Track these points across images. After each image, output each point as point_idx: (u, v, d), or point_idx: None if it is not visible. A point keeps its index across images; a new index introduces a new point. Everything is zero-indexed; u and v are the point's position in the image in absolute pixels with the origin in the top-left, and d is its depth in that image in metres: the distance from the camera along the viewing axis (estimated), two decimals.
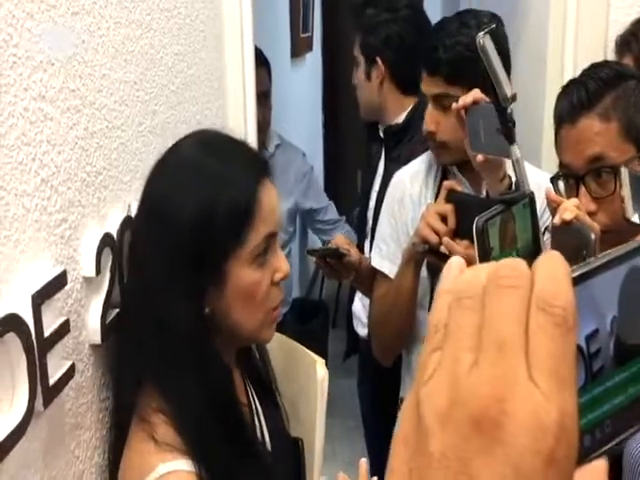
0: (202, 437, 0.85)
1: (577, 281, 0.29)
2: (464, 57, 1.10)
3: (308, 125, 3.99)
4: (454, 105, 1.22)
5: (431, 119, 1.37)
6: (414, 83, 1.49)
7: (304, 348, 1.15)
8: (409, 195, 1.46)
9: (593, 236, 0.92)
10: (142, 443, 0.85)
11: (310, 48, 3.89)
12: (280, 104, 2.63)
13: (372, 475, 1.92)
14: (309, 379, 1.09)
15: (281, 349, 1.12)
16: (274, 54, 2.36)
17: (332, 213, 2.57)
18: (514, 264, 0.28)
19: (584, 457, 0.28)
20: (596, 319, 0.30)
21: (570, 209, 0.96)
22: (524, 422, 0.26)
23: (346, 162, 3.88)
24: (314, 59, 4.09)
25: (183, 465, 0.82)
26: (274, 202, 0.93)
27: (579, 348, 0.29)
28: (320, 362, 1.10)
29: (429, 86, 1.38)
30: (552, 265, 0.28)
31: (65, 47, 0.82)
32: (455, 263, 0.31)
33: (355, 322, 1.88)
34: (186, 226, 0.86)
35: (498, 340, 0.27)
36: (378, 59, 1.76)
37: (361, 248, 1.77)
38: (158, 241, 0.88)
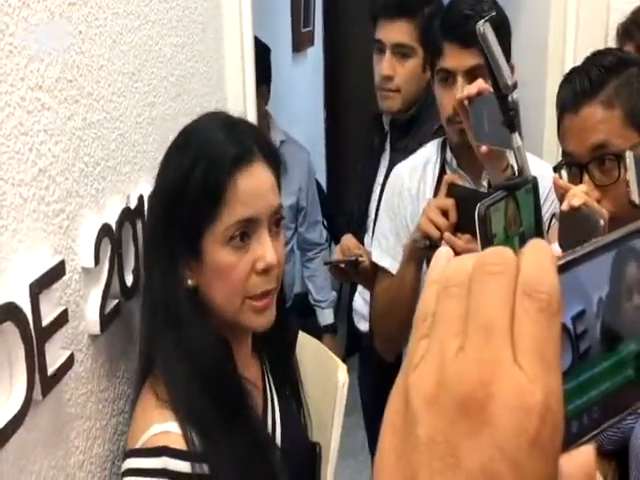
0: (187, 401, 0.87)
1: (564, 269, 0.29)
2: (495, 26, 1.07)
3: (310, 120, 3.99)
4: (458, 95, 1.21)
5: None
6: None
7: (329, 351, 1.15)
8: (407, 189, 1.46)
9: (602, 222, 0.92)
10: (146, 396, 0.89)
11: (311, 43, 3.88)
12: (282, 99, 2.63)
13: (373, 465, 1.93)
14: (330, 383, 1.09)
15: (310, 350, 1.12)
16: (275, 49, 2.35)
17: (317, 233, 2.52)
18: (500, 251, 0.29)
19: (572, 443, 0.28)
20: (583, 300, 0.30)
21: (578, 195, 0.95)
22: (509, 403, 0.26)
23: (348, 157, 3.87)
24: (315, 54, 4.08)
25: (174, 427, 0.86)
26: (260, 187, 0.91)
27: (566, 329, 0.29)
28: (342, 367, 1.10)
29: (461, 59, 1.33)
30: (538, 252, 0.29)
31: (62, 37, 0.82)
32: (443, 253, 0.31)
33: (356, 318, 1.87)
34: (165, 193, 0.92)
35: (484, 325, 0.27)
36: None
37: (361, 242, 1.76)
38: (150, 213, 0.97)
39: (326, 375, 1.12)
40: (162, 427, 0.86)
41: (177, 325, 0.90)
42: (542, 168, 1.29)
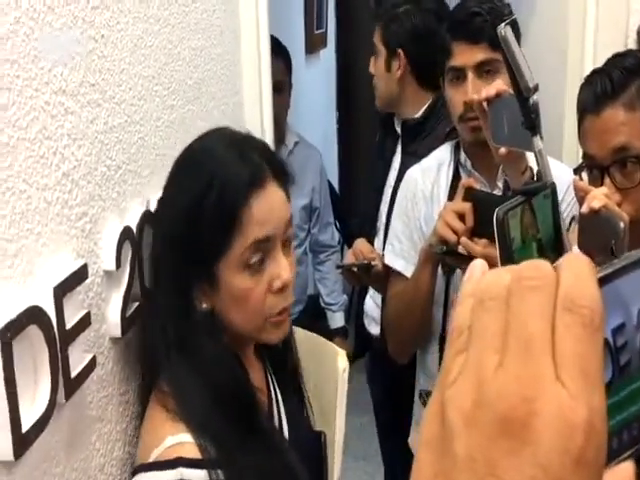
0: (203, 414, 0.87)
1: (602, 282, 0.29)
2: (504, 20, 1.08)
3: (323, 122, 3.98)
4: (476, 97, 1.21)
5: (475, 89, 1.31)
6: (433, 77, 1.48)
7: (326, 340, 1.15)
8: (421, 191, 1.46)
9: (622, 225, 0.91)
10: (155, 411, 0.88)
11: (324, 44, 3.89)
12: (294, 101, 2.63)
13: (385, 471, 1.93)
14: (330, 371, 1.10)
15: (304, 342, 1.12)
16: (289, 51, 2.35)
17: (329, 235, 2.52)
18: (538, 264, 0.28)
19: (611, 460, 0.28)
20: (622, 313, 0.29)
21: (599, 197, 0.95)
22: (552, 422, 0.25)
23: (360, 159, 3.87)
24: (328, 55, 4.08)
25: (187, 438, 0.85)
26: (273, 207, 0.90)
27: (606, 342, 0.28)
28: (342, 353, 1.10)
29: (470, 55, 1.34)
30: (577, 265, 0.28)
31: (85, 41, 0.83)
32: (477, 266, 0.31)
33: (367, 321, 1.86)
34: (176, 220, 0.89)
35: (524, 340, 0.27)
36: (400, 51, 1.71)
37: (371, 243, 1.76)
38: (158, 237, 0.93)
39: (325, 364, 1.12)
40: (176, 439, 0.85)
41: (190, 346, 0.89)
42: (558, 170, 1.28)
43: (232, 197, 0.87)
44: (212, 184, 0.86)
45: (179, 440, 0.84)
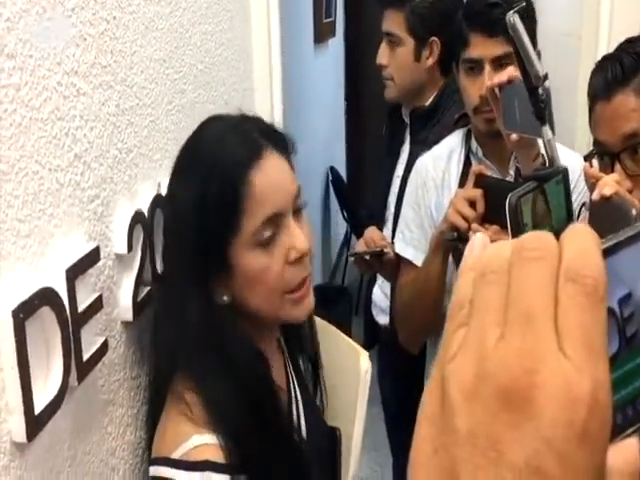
0: (231, 420, 0.85)
1: (607, 253, 0.28)
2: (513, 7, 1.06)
3: (331, 111, 3.98)
4: (488, 83, 1.20)
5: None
6: (451, 64, 1.46)
7: (347, 338, 1.14)
8: (432, 179, 1.45)
9: (633, 212, 0.90)
10: (177, 416, 0.86)
11: (333, 34, 3.87)
12: (303, 90, 2.62)
13: (394, 461, 1.92)
14: (350, 369, 1.08)
15: (324, 337, 1.11)
16: (297, 40, 2.34)
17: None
18: (540, 236, 0.28)
19: (616, 435, 0.27)
20: (628, 283, 0.29)
21: (610, 184, 0.94)
22: (555, 394, 0.25)
23: (369, 148, 3.86)
24: (337, 44, 4.07)
25: (213, 439, 0.83)
26: (277, 179, 0.88)
27: (612, 312, 0.28)
28: (364, 354, 1.09)
29: (487, 48, 1.33)
30: (581, 236, 0.27)
31: (97, 22, 0.82)
32: (478, 240, 0.30)
33: (375, 311, 1.85)
34: (184, 216, 0.87)
35: (526, 312, 0.26)
36: (435, 39, 1.65)
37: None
38: (170, 232, 0.91)
39: (345, 362, 1.11)
40: (202, 439, 0.83)
41: (215, 344, 0.87)
42: (569, 158, 1.27)
43: (232, 178, 0.85)
44: (213, 171, 0.85)
45: (206, 441, 0.83)
